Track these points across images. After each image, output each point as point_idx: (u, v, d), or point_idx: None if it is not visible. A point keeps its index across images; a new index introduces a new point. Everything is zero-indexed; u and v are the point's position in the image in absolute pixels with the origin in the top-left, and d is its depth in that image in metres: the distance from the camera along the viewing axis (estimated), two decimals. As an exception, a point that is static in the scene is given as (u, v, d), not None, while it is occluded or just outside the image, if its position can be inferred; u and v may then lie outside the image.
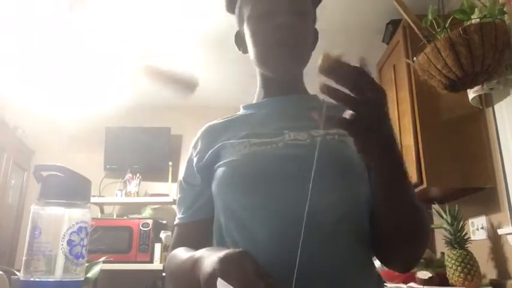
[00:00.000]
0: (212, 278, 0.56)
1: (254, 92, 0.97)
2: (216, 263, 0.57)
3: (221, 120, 0.94)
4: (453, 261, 1.85)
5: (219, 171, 0.81)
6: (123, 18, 2.61)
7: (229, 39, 1.00)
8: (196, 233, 0.85)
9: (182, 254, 0.78)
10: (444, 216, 1.95)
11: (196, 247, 0.74)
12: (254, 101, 0.96)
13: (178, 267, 0.78)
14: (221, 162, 0.81)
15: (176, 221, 0.91)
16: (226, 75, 3.29)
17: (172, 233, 3.43)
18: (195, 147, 0.91)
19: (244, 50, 0.93)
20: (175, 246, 0.86)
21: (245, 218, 0.75)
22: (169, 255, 0.86)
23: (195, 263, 0.66)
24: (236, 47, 0.97)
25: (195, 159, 0.88)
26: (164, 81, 2.94)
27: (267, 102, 0.92)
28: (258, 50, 0.86)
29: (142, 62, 2.81)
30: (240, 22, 0.93)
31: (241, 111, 0.97)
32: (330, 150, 0.77)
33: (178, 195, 0.92)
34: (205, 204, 0.85)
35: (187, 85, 2.99)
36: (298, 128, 0.82)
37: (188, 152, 0.93)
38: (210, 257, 0.61)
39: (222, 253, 0.58)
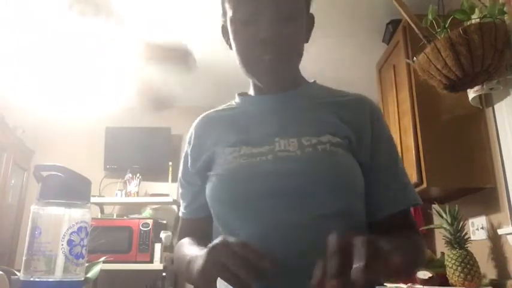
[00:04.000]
0: (204, 270, 0.62)
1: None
2: (204, 255, 0.63)
3: (215, 114, 0.93)
4: (453, 261, 1.85)
5: (210, 182, 0.82)
6: (123, 18, 2.61)
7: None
8: (197, 229, 0.89)
9: (185, 247, 0.83)
10: (444, 216, 1.95)
11: (199, 238, 0.84)
12: (250, 92, 0.93)
13: (179, 261, 0.83)
14: (212, 173, 0.82)
15: (180, 213, 0.95)
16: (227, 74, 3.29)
17: (172, 233, 3.44)
18: (189, 142, 0.92)
19: (231, 47, 0.88)
20: (181, 236, 0.91)
21: (236, 229, 0.76)
22: (177, 245, 0.90)
23: (189, 264, 0.70)
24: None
25: (190, 159, 0.89)
26: (164, 58, 2.92)
27: (259, 100, 0.89)
28: (241, 59, 0.83)
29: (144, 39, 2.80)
30: (224, 16, 0.86)
31: (237, 102, 0.94)
32: (322, 163, 0.75)
33: (180, 190, 0.95)
34: (205, 203, 0.85)
35: (186, 59, 2.98)
36: (290, 133, 0.79)
37: (184, 147, 0.94)
38: (198, 257, 0.66)
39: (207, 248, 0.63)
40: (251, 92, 0.93)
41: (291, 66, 0.84)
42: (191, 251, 0.76)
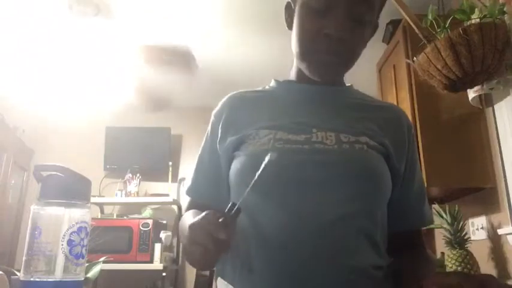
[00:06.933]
0: (186, 248, 0.62)
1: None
2: (188, 233, 0.62)
3: (251, 94, 0.90)
4: (453, 261, 1.85)
5: (238, 161, 0.79)
6: (123, 17, 2.61)
7: (233, 39, 0.99)
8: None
9: (188, 218, 0.80)
10: (444, 216, 1.95)
11: None
12: (291, 78, 0.91)
13: (182, 233, 0.81)
14: (241, 152, 0.79)
15: (186, 190, 0.91)
16: (228, 75, 3.29)
17: (172, 233, 3.44)
18: (219, 117, 0.87)
19: (289, 27, 0.87)
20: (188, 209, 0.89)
21: (257, 212, 0.74)
22: (180, 221, 0.88)
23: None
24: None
25: (220, 134, 0.85)
26: (164, 61, 2.92)
27: (301, 88, 0.87)
28: (300, 46, 0.81)
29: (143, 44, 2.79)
30: None
31: (272, 86, 0.92)
32: (357, 160, 0.76)
33: (195, 166, 0.91)
34: (220, 189, 0.84)
35: (187, 62, 2.97)
36: (328, 127, 0.79)
37: (211, 121, 0.90)
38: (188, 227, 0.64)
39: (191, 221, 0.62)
40: (292, 77, 0.91)
41: (346, 68, 0.83)
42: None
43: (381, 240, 0.77)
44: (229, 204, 0.60)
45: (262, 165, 0.60)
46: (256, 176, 0.60)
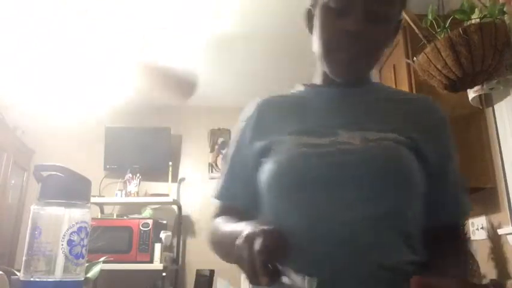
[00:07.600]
0: (238, 256, 0.61)
1: (254, 93, 0.96)
2: (237, 241, 0.62)
3: (280, 99, 0.91)
4: (453, 261, 1.85)
5: (266, 167, 0.79)
6: (123, 17, 2.61)
7: (231, 40, 0.99)
8: (237, 218, 0.83)
9: (224, 226, 0.81)
10: (444, 216, 1.95)
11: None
12: (316, 81, 0.91)
13: (221, 241, 0.81)
14: (269, 159, 0.79)
15: (216, 193, 0.90)
16: (227, 76, 3.29)
17: (172, 233, 3.44)
18: (249, 121, 0.88)
19: (310, 31, 0.88)
20: (218, 215, 0.88)
21: (285, 217, 0.74)
22: (212, 225, 0.87)
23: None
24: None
25: (250, 138, 0.86)
26: (163, 80, 2.93)
27: (326, 91, 0.88)
28: (322, 47, 0.82)
29: (142, 60, 2.80)
30: (312, 1, 0.86)
31: (300, 91, 0.93)
32: (386, 158, 0.75)
33: (224, 168, 0.91)
34: (250, 192, 0.83)
35: (187, 85, 2.98)
36: (354, 126, 0.79)
37: (240, 124, 0.90)
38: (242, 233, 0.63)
39: (245, 232, 0.62)
40: (317, 81, 0.91)
41: (368, 66, 0.84)
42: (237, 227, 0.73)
43: (415, 236, 0.75)
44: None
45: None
46: None
